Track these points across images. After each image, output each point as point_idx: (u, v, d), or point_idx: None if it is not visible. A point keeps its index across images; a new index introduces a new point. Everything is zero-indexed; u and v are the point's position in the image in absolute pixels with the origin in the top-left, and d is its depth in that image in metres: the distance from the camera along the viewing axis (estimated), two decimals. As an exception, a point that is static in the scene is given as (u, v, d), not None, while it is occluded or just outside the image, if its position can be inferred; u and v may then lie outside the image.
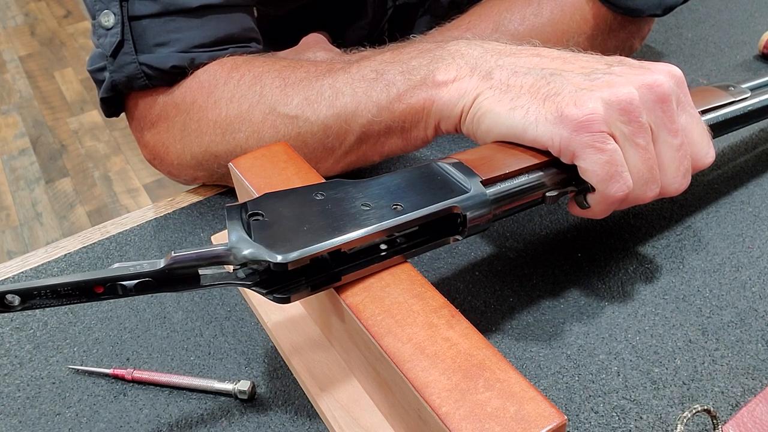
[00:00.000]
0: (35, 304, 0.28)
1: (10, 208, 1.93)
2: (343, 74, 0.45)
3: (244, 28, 0.52)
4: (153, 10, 0.48)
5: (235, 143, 0.48)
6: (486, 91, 0.39)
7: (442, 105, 0.41)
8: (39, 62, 2.63)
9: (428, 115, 0.42)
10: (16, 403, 0.40)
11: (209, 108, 0.48)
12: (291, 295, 0.32)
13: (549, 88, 0.37)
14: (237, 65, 0.49)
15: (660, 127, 0.37)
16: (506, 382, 0.27)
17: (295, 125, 0.46)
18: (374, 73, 0.44)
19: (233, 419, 0.37)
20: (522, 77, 0.38)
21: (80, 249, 0.50)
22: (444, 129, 0.43)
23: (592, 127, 0.35)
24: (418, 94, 0.42)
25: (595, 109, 0.35)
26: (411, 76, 0.42)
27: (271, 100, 0.47)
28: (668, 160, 0.38)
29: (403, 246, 0.34)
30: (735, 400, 0.37)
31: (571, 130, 0.35)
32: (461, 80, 0.40)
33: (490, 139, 0.39)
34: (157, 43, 0.49)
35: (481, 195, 0.34)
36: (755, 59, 0.68)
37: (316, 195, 0.34)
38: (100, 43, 0.49)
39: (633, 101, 0.35)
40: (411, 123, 0.43)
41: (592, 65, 0.39)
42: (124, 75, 0.49)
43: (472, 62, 0.40)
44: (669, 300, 0.42)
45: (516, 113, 0.37)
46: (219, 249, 0.30)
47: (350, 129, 0.45)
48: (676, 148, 0.38)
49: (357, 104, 0.44)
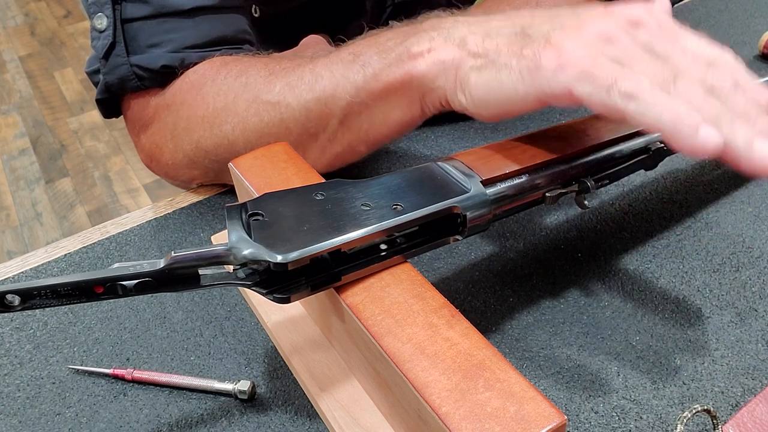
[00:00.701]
0: (35, 304, 0.28)
1: (10, 208, 1.93)
2: (323, 59, 0.45)
3: (237, 29, 0.52)
4: (145, 13, 0.49)
5: (222, 135, 0.48)
6: (466, 59, 0.38)
7: (421, 76, 0.40)
8: (39, 62, 2.63)
9: (409, 90, 0.41)
10: (16, 403, 0.40)
11: (197, 105, 0.49)
12: (291, 295, 0.32)
13: (523, 41, 0.36)
14: (225, 63, 0.50)
15: (652, 43, 0.34)
16: (506, 382, 0.27)
17: (277, 111, 0.46)
18: (351, 55, 0.44)
19: (233, 419, 0.37)
20: (495, 38, 0.38)
21: (80, 249, 0.50)
22: (430, 104, 0.42)
23: (573, 55, 0.33)
24: (394, 71, 0.41)
25: (571, 44, 0.34)
26: (386, 54, 0.42)
27: (255, 88, 0.47)
28: (681, 63, 0.33)
29: (403, 246, 0.34)
30: (735, 400, 0.37)
31: (555, 69, 0.34)
32: (436, 50, 0.39)
33: (486, 111, 0.38)
34: (150, 44, 0.49)
35: (481, 195, 0.34)
36: (755, 59, 0.68)
37: (316, 195, 0.34)
38: (94, 45, 0.50)
39: (609, 29, 0.34)
40: (393, 102, 0.42)
41: (560, 13, 0.38)
42: (117, 77, 0.50)
43: (444, 33, 0.40)
44: (669, 300, 0.42)
45: (501, 75, 0.36)
46: (219, 249, 0.30)
47: (331, 112, 0.45)
48: (681, 53, 0.34)
49: (335, 86, 0.44)
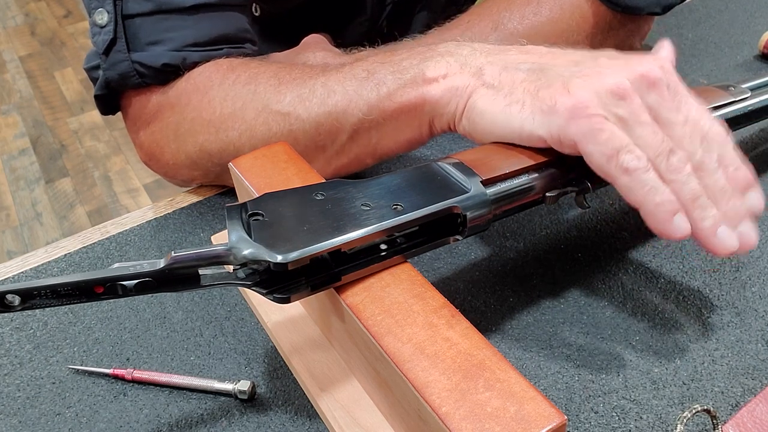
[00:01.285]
0: (35, 304, 0.28)
1: (10, 208, 1.93)
2: (335, 73, 0.45)
3: (238, 28, 0.52)
4: (146, 9, 0.48)
5: (228, 141, 0.48)
6: (479, 88, 0.39)
7: (434, 102, 0.41)
8: (39, 62, 2.63)
9: (421, 113, 0.42)
10: (16, 403, 0.40)
11: (203, 108, 0.49)
12: (291, 295, 0.32)
13: (540, 82, 0.37)
14: (233, 67, 0.49)
15: (658, 109, 0.36)
16: (506, 382, 0.27)
17: (287, 122, 0.46)
18: (365, 72, 0.44)
19: (233, 419, 0.37)
20: (513, 72, 0.38)
21: (80, 249, 0.50)
22: (438, 127, 0.42)
23: (587, 110, 0.34)
24: (408, 93, 0.42)
25: (587, 95, 0.34)
26: (401, 75, 0.42)
27: (264, 97, 0.47)
28: (679, 134, 0.36)
29: (403, 246, 0.34)
30: (735, 400, 0.37)
31: (567, 119, 0.35)
32: (452, 77, 0.40)
33: (488, 139, 0.39)
34: (151, 41, 0.49)
35: (481, 195, 0.34)
36: (755, 59, 0.68)
37: (316, 195, 0.34)
38: (95, 41, 0.50)
39: (625, 87, 0.35)
40: (403, 122, 0.43)
41: (580, 58, 0.38)
42: (117, 73, 0.49)
43: (461, 60, 0.40)
44: (669, 300, 0.42)
45: (511, 109, 0.37)
46: (219, 249, 0.30)
47: (342, 127, 0.45)
48: (682, 123, 0.36)
49: (348, 102, 0.44)
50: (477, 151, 0.38)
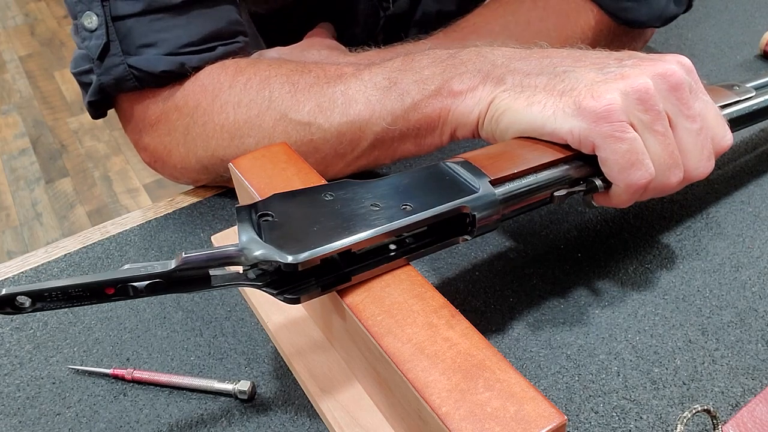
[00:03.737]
0: (46, 306, 0.28)
1: (10, 208, 1.93)
2: (354, 81, 0.45)
3: (230, 21, 0.51)
4: (136, 9, 0.47)
5: (245, 148, 0.48)
6: (501, 93, 0.40)
7: (459, 114, 0.41)
8: (39, 62, 2.63)
9: (444, 123, 0.43)
10: (16, 403, 0.40)
11: (215, 112, 0.48)
12: (301, 296, 0.32)
13: (564, 84, 0.37)
14: (241, 69, 0.49)
15: (677, 114, 0.37)
16: (506, 382, 0.27)
17: (307, 132, 0.46)
18: (387, 81, 0.44)
19: (233, 419, 0.37)
20: (535, 78, 0.39)
21: (80, 249, 0.50)
22: (460, 135, 0.43)
23: (611, 117, 0.35)
24: (433, 104, 0.42)
25: (613, 99, 0.35)
26: (425, 85, 0.42)
27: (281, 105, 0.46)
28: (690, 144, 0.38)
29: (412, 246, 0.34)
30: (735, 400, 0.37)
31: (591, 122, 0.35)
32: (477, 89, 0.41)
33: (509, 136, 0.40)
34: (143, 44, 0.48)
35: (490, 195, 0.34)
36: (756, 59, 0.68)
37: (325, 195, 0.34)
38: (85, 45, 0.48)
39: (649, 90, 0.36)
40: (426, 130, 0.44)
41: (604, 60, 0.39)
42: (112, 77, 0.48)
43: (485, 70, 0.41)
44: (669, 300, 0.42)
45: (534, 108, 0.38)
46: (230, 250, 0.30)
47: (364, 136, 0.45)
48: (695, 133, 0.38)
49: (371, 113, 0.44)
50: (485, 151, 0.38)
